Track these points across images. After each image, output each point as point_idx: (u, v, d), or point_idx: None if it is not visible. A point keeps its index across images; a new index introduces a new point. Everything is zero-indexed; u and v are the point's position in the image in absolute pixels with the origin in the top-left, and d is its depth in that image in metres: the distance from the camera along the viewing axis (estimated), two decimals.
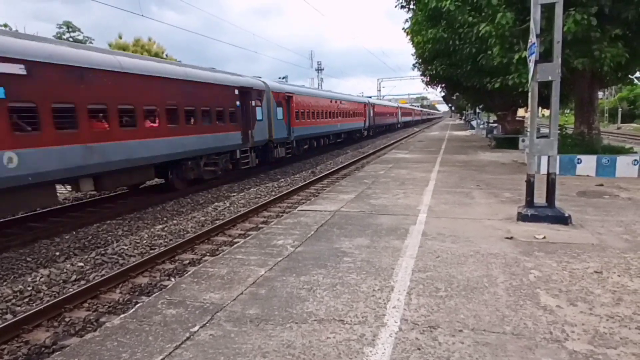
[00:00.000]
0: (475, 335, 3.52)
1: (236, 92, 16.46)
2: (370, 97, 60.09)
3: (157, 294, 4.68)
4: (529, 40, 6.87)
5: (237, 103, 16.51)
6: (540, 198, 7.28)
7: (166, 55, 44.17)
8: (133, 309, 4.23)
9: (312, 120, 25.54)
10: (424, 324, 3.73)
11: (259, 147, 18.57)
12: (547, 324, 3.66)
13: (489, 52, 11.85)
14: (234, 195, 13.71)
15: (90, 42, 45.21)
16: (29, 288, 6.62)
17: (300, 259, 5.51)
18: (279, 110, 20.28)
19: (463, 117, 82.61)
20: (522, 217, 7.13)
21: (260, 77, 19.48)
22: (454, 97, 48.96)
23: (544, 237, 6.17)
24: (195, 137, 14.12)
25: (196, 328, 3.75)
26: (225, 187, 15.18)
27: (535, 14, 6.68)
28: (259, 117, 18.13)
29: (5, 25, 33.76)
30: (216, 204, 12.48)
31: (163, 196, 13.28)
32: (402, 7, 18.97)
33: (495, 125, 30.76)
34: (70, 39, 43.36)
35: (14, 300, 6.24)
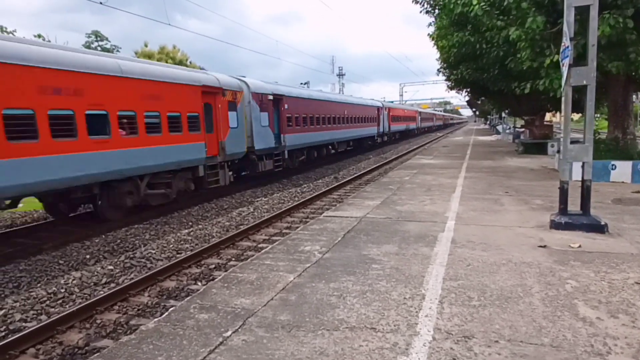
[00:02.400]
0: (512, 346, 3.42)
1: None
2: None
3: (188, 298, 4.72)
4: (562, 44, 6.70)
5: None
6: (573, 205, 7.07)
7: (190, 62, 45.06)
8: (167, 313, 4.29)
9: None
10: (458, 333, 3.65)
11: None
12: (588, 336, 3.54)
13: (518, 55, 11.63)
14: (257, 201, 13.80)
15: (117, 51, 46.54)
16: (62, 290, 6.80)
17: (329, 266, 5.48)
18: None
19: (488, 122, 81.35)
20: (555, 225, 6.93)
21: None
22: (479, 102, 48.29)
23: (580, 246, 5.98)
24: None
25: (229, 333, 3.76)
26: (248, 193, 15.30)
27: (569, 17, 6.51)
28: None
29: (39, 36, 35.01)
30: (240, 209, 12.58)
31: (189, 201, 13.33)
32: (427, 12, 18.89)
33: (522, 130, 30.08)
34: (99, 48, 44.74)
35: (48, 302, 6.42)
